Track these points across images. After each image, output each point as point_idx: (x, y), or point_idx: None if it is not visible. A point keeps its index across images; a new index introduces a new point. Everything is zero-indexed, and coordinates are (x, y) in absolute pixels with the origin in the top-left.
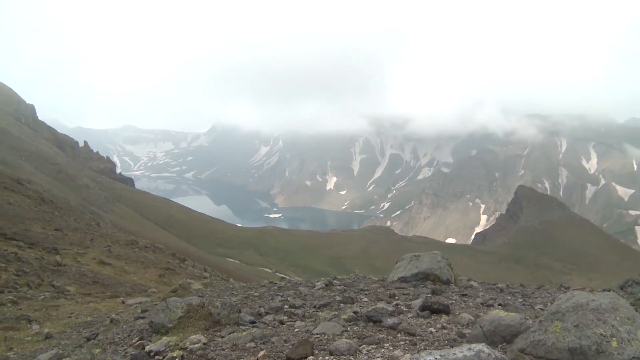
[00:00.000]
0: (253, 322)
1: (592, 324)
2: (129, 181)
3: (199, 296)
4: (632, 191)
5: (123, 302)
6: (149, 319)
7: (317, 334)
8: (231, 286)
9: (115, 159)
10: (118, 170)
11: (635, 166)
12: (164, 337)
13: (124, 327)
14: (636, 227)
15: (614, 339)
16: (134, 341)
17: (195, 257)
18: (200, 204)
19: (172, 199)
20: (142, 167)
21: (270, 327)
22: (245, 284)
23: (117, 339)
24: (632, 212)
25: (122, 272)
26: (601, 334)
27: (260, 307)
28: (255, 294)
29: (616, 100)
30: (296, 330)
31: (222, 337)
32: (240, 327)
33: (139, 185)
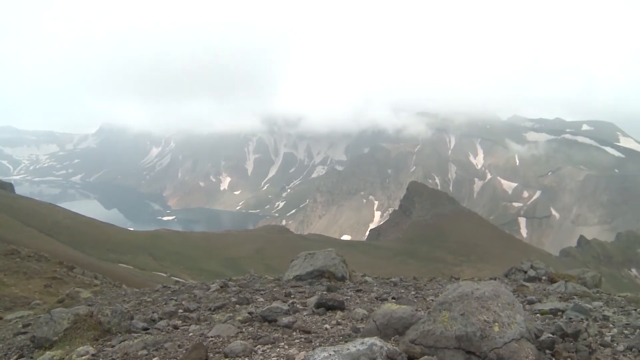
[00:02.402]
0: (146, 329)
1: (477, 311)
2: (7, 186)
3: (88, 305)
4: (515, 184)
5: (1, 318)
6: (31, 333)
7: (211, 337)
8: (123, 293)
9: None
10: None
11: (517, 161)
12: (48, 352)
13: (1, 345)
14: (519, 218)
15: (496, 324)
16: None
17: (84, 264)
18: (90, 208)
19: (58, 204)
20: (23, 171)
21: (163, 333)
22: (138, 290)
23: None
24: (515, 204)
25: (1, 284)
26: (484, 320)
27: (153, 312)
28: (149, 299)
29: (499, 99)
30: (190, 334)
31: (113, 346)
32: (132, 334)
33: (19, 190)
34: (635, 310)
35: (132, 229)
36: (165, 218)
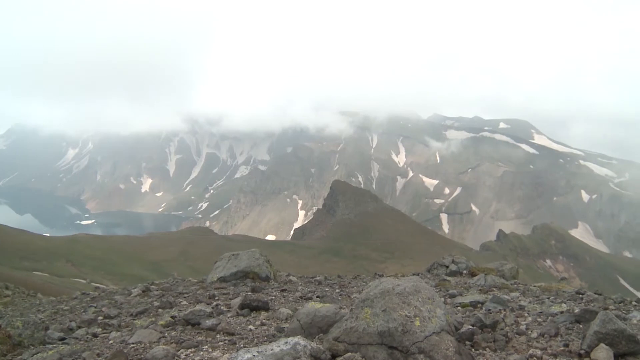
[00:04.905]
0: (63, 339)
1: (398, 307)
2: None
3: None
4: (436, 182)
5: None
6: None
7: (132, 344)
8: (38, 302)
9: None
10: None
11: (438, 158)
12: None
13: None
14: (441, 214)
15: (417, 318)
16: None
17: None
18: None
19: None
20: None
21: (82, 342)
22: (54, 298)
23: None
24: (437, 201)
25: None
26: (406, 315)
27: (71, 321)
28: (66, 307)
29: (419, 97)
30: (111, 342)
31: None
32: (47, 346)
33: None
34: (548, 298)
35: (47, 235)
36: (84, 222)
